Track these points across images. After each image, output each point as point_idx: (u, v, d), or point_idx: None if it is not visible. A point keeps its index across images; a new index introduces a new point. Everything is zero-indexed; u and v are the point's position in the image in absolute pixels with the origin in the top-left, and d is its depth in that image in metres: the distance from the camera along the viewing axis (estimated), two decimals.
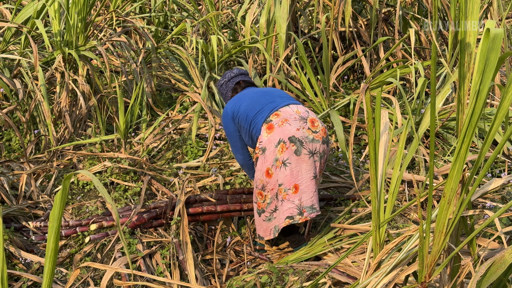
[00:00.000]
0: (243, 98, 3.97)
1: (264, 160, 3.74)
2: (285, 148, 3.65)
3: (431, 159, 1.93)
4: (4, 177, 4.38)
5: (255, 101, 3.89)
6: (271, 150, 3.70)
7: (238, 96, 4.04)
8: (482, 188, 2.36)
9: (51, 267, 1.85)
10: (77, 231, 3.90)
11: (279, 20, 5.68)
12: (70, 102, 5.35)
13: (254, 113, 3.82)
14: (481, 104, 1.81)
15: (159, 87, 6.44)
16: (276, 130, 3.69)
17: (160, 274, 3.67)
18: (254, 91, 4.03)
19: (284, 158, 3.66)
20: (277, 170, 3.71)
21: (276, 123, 3.70)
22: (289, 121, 3.69)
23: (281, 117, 3.73)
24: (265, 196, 3.83)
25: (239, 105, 3.92)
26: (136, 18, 6.82)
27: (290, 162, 3.67)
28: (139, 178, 4.70)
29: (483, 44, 1.78)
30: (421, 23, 6.78)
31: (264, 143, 3.73)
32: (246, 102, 3.90)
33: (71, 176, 1.69)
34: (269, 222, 3.89)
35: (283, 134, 3.66)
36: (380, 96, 2.30)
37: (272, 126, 3.71)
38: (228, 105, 4.02)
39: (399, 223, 3.96)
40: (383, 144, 2.46)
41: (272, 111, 3.77)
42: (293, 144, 3.65)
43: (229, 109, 3.97)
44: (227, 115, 3.98)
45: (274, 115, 3.75)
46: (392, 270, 2.27)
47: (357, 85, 6.53)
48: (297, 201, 3.73)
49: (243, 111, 3.88)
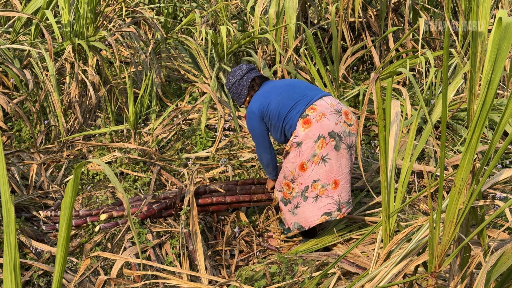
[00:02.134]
0: (269, 95, 3.78)
1: (300, 154, 3.65)
2: (325, 144, 3.59)
3: (442, 149, 1.92)
4: (15, 167, 4.41)
5: (285, 97, 3.72)
6: (309, 145, 3.61)
7: (262, 93, 3.83)
8: (492, 178, 2.35)
9: (63, 255, 1.86)
10: (87, 221, 3.92)
11: (289, 11, 5.66)
12: (80, 93, 5.37)
13: (287, 109, 3.68)
14: (493, 94, 1.80)
15: (169, 78, 6.44)
16: (314, 125, 3.59)
17: (170, 264, 3.69)
18: (278, 86, 3.85)
19: (324, 154, 3.61)
20: (314, 166, 3.64)
21: (314, 118, 3.61)
22: (326, 116, 3.61)
23: (318, 111, 3.62)
24: (292, 189, 3.78)
25: (268, 103, 3.74)
26: (145, 8, 6.82)
27: (330, 158, 3.62)
28: (149, 169, 4.72)
29: (495, 33, 1.76)
30: (431, 13, 6.74)
31: (300, 137, 3.63)
32: (276, 99, 3.73)
33: (82, 165, 1.69)
34: (292, 215, 3.87)
35: (322, 129, 3.59)
36: (391, 87, 2.29)
37: (309, 121, 3.61)
38: (252, 105, 3.81)
39: (409, 214, 3.96)
40: (393, 134, 2.45)
41: (307, 106, 3.65)
42: (332, 139, 3.60)
43: (255, 109, 3.78)
44: (255, 116, 3.78)
45: (310, 109, 3.63)
46: (401, 260, 2.27)
47: (367, 76, 6.51)
48: (336, 197, 3.70)
49: (274, 108, 3.71)
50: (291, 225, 3.91)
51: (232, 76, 3.97)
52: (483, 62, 1.98)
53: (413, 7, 6.60)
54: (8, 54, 5.18)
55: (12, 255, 1.91)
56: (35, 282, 3.38)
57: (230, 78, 3.98)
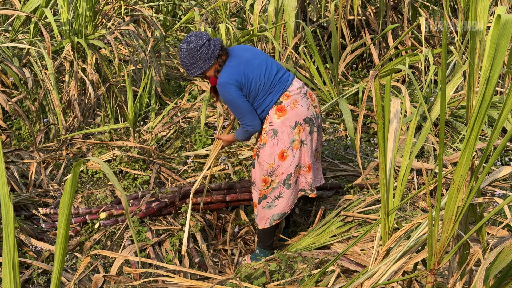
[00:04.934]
0: (248, 69, 3.54)
1: (277, 142, 3.62)
2: (302, 130, 3.62)
3: (441, 146, 1.92)
4: (14, 165, 4.41)
5: (265, 79, 3.56)
6: (286, 132, 3.60)
7: (236, 66, 3.54)
8: (491, 175, 2.35)
9: (62, 253, 1.86)
10: (86, 219, 3.93)
11: (288, 8, 5.66)
12: (79, 91, 5.37)
13: (265, 93, 3.59)
14: (491, 91, 1.80)
15: (168, 76, 6.44)
16: (290, 113, 3.59)
17: (170, 262, 3.69)
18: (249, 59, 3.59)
19: (302, 138, 3.64)
20: (295, 151, 3.64)
21: (288, 106, 3.60)
22: (299, 102, 3.62)
23: (291, 98, 3.62)
24: (271, 181, 3.72)
25: (249, 80, 3.53)
26: (145, 6, 6.82)
27: (306, 143, 3.67)
28: (148, 167, 4.72)
29: (493, 30, 1.76)
30: (430, 11, 6.74)
31: (276, 125, 3.61)
32: (256, 78, 3.54)
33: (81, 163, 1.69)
34: (269, 209, 3.79)
35: (297, 117, 3.60)
36: (390, 84, 2.30)
37: (283, 108, 3.59)
38: (229, 76, 3.50)
39: (408, 211, 3.96)
40: (393, 131, 2.45)
41: (282, 92, 3.61)
42: (307, 124, 3.64)
43: (233, 80, 3.50)
44: (233, 86, 3.51)
45: (284, 96, 3.61)
46: (401, 257, 2.27)
47: (366, 74, 6.51)
48: (309, 179, 3.76)
49: (254, 88, 3.56)
50: (267, 221, 3.81)
51: (198, 38, 3.45)
52: (482, 59, 1.98)
53: (412, 5, 6.60)
54: (7, 53, 5.18)
55: (11, 254, 1.91)
56: (35, 280, 3.38)
57: (195, 40, 3.44)
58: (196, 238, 3.98)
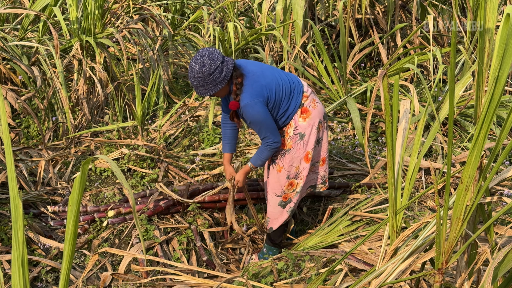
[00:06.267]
0: (266, 81, 3.43)
1: (303, 145, 3.60)
2: (322, 127, 3.68)
3: (449, 146, 1.92)
4: (23, 163, 4.43)
5: (285, 85, 3.50)
6: (313, 133, 3.61)
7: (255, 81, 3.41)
8: (500, 175, 2.34)
9: (70, 250, 1.86)
10: (95, 217, 3.94)
11: (296, 7, 5.65)
12: (88, 90, 5.38)
13: (288, 100, 3.52)
14: (500, 90, 1.80)
15: (176, 75, 6.45)
16: (313, 113, 3.60)
17: (177, 260, 3.70)
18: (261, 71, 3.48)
19: (321, 136, 3.71)
20: (315, 151, 3.69)
21: (309, 105, 3.60)
22: (316, 100, 3.67)
23: (309, 98, 3.62)
24: (296, 185, 3.73)
25: (272, 90, 3.44)
26: (153, 5, 6.83)
27: (323, 138, 3.73)
28: (156, 165, 4.73)
29: (502, 29, 1.75)
30: (439, 10, 6.71)
31: (302, 128, 3.58)
32: (277, 86, 3.46)
33: (90, 161, 1.70)
34: (287, 213, 3.84)
35: (319, 115, 3.64)
36: (398, 83, 2.29)
37: (306, 110, 3.59)
38: (251, 94, 3.37)
39: (416, 210, 3.95)
40: (401, 131, 2.44)
41: (301, 94, 3.58)
42: (325, 121, 3.71)
43: (259, 97, 3.39)
44: (261, 102, 3.40)
45: (304, 98, 3.61)
46: (408, 256, 2.27)
47: (374, 73, 6.50)
48: (322, 172, 3.81)
49: (278, 96, 3.46)
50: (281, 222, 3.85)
51: (212, 61, 3.25)
52: (491, 58, 1.97)
53: (421, 4, 6.58)
54: (16, 51, 5.20)
55: (20, 251, 1.92)
56: (43, 278, 3.40)
57: (208, 64, 3.26)
58: (203, 237, 3.99)
